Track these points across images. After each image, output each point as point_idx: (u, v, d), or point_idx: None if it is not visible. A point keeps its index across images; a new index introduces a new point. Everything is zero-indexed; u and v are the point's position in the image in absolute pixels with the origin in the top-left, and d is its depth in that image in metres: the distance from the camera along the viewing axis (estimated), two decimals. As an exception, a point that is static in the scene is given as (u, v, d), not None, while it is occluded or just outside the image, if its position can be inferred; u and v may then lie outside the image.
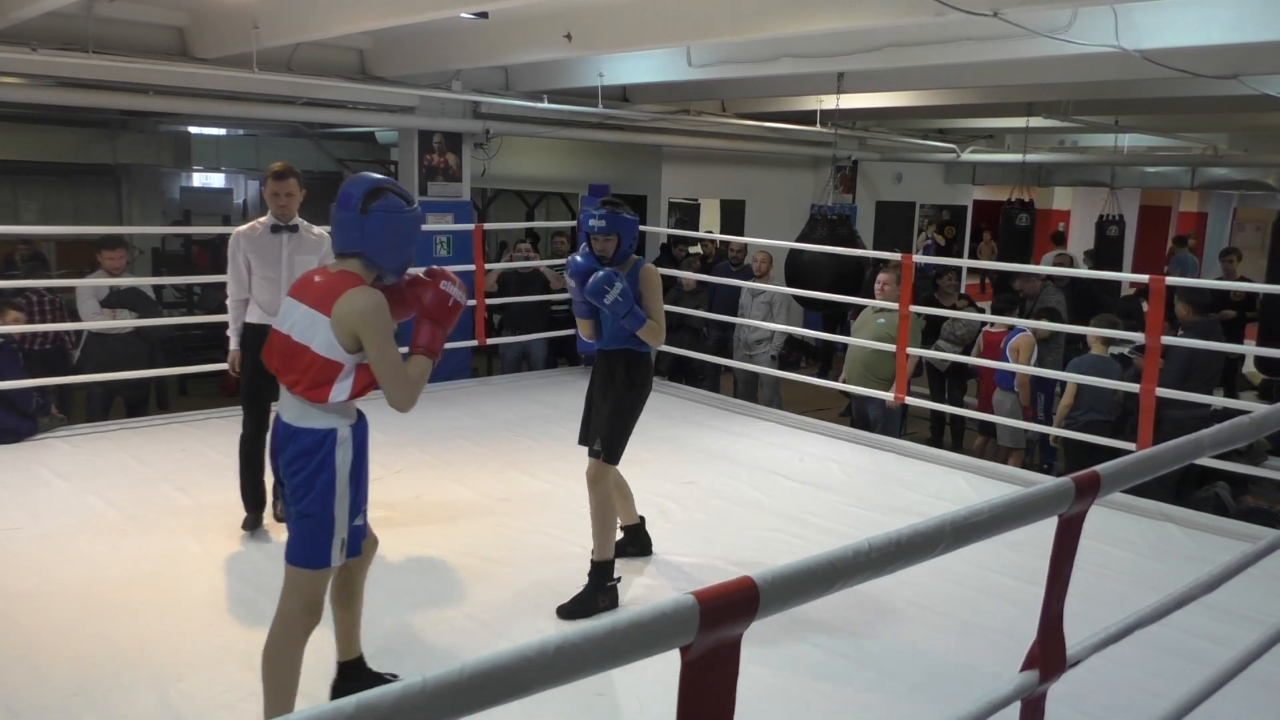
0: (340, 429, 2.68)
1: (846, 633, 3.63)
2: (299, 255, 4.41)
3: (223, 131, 13.57)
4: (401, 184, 2.80)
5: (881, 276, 6.72)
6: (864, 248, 8.41)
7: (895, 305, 6.35)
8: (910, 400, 6.50)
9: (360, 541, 2.79)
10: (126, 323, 6.68)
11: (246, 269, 4.43)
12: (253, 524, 4.48)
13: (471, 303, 7.85)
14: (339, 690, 3.00)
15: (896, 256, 6.43)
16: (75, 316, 6.81)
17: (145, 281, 7.34)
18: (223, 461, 5.42)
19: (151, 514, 4.63)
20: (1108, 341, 6.29)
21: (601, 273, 3.77)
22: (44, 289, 7.09)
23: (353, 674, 3.05)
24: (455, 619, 3.70)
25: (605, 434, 3.87)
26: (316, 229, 4.55)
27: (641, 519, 4.34)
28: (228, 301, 4.52)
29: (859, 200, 13.39)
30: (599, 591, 3.78)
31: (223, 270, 4.56)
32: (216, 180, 15.44)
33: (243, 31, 6.32)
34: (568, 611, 3.72)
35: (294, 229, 4.44)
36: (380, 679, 3.07)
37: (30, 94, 7.15)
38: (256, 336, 4.29)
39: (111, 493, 4.89)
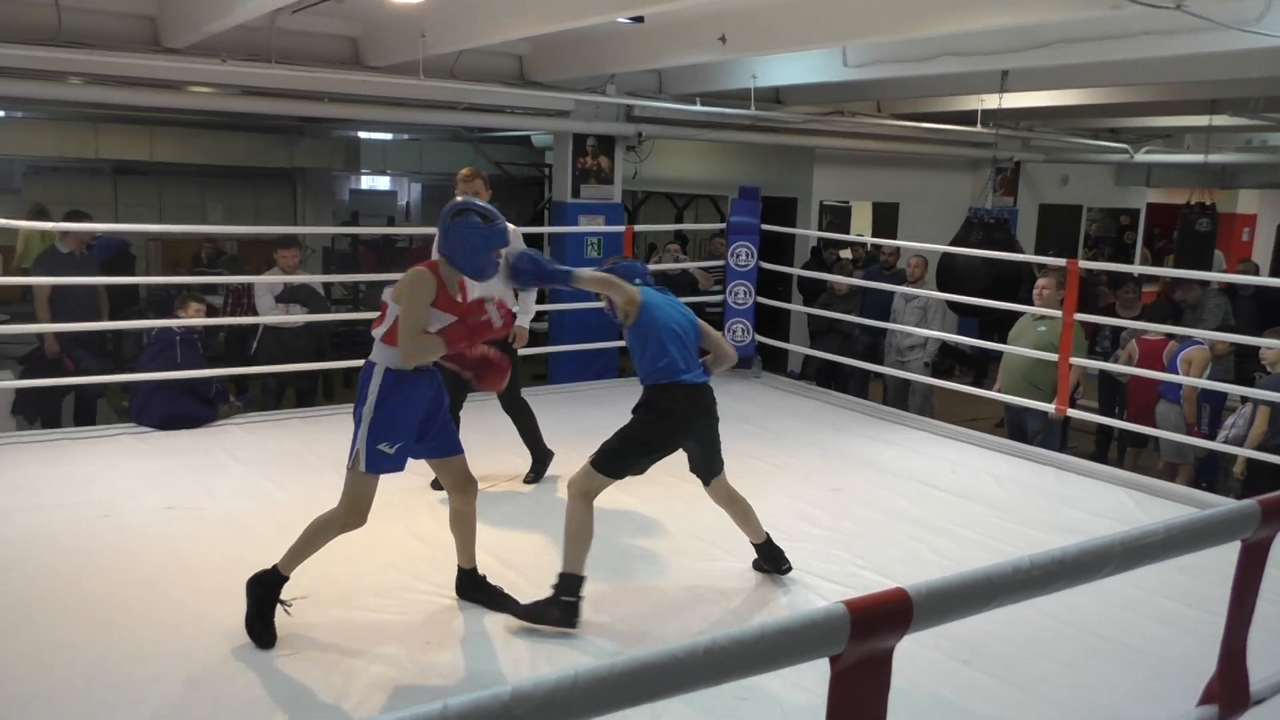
0: (380, 366, 3.37)
1: (998, 653, 3.49)
2: None
3: (389, 136, 14.19)
4: (488, 206, 3.56)
5: (1041, 281, 6.42)
6: (1022, 253, 8.08)
7: (1053, 312, 6.09)
8: (1073, 413, 6.20)
9: (388, 467, 3.39)
10: (298, 318, 7.09)
11: None
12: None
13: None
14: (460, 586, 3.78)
15: (1061, 262, 6.14)
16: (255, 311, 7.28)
17: (316, 279, 7.75)
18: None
19: (318, 499, 4.85)
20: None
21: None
22: (232, 284, 7.63)
23: (466, 579, 3.77)
24: (597, 613, 3.74)
25: (606, 442, 3.72)
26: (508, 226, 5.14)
27: (767, 536, 4.05)
28: None
29: (1021, 203, 12.86)
30: (552, 604, 3.51)
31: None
32: (382, 183, 16.20)
33: (411, 40, 6.60)
34: (522, 611, 3.55)
35: None
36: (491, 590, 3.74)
37: (219, 102, 7.69)
38: None
39: (282, 477, 5.18)
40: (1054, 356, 6.05)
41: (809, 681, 2.94)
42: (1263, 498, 1.72)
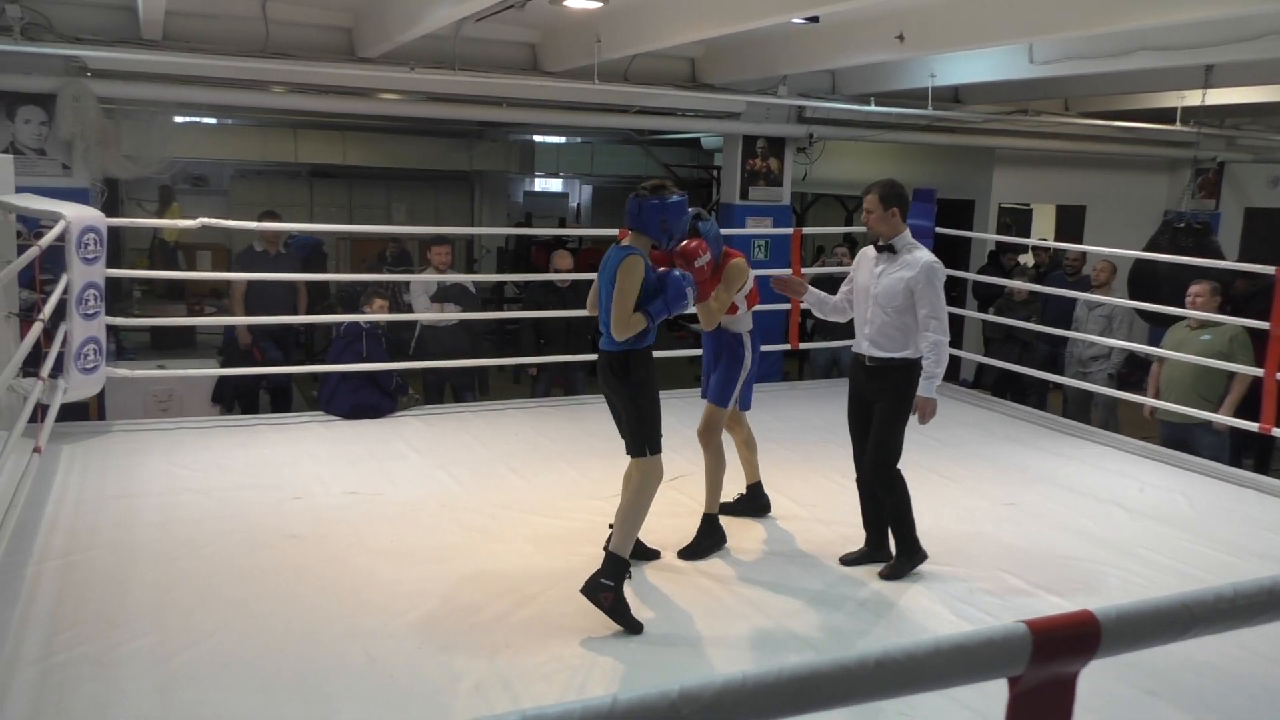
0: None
1: (1190, 685, 3.25)
2: (888, 275, 4.17)
3: (562, 139, 14.54)
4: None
5: (1194, 289, 6.01)
6: (1224, 259, 7.50)
7: (1216, 317, 5.87)
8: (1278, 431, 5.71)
9: None
10: (453, 315, 7.16)
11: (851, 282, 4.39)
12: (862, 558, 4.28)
13: (786, 307, 7.86)
14: None
15: (1271, 270, 5.68)
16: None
17: (466, 278, 7.70)
18: (550, 447, 5.83)
19: (488, 491, 5.05)
20: None
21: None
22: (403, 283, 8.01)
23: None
24: (760, 618, 3.72)
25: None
26: (916, 254, 4.19)
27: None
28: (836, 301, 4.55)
29: (1224, 206, 11.97)
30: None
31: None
32: (555, 185, 16.61)
33: (587, 45, 6.75)
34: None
35: (891, 250, 4.18)
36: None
37: (406, 108, 8.08)
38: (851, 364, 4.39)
39: (455, 468, 5.39)
40: (1221, 365, 5.69)
41: (974, 701, 2.83)
42: None
